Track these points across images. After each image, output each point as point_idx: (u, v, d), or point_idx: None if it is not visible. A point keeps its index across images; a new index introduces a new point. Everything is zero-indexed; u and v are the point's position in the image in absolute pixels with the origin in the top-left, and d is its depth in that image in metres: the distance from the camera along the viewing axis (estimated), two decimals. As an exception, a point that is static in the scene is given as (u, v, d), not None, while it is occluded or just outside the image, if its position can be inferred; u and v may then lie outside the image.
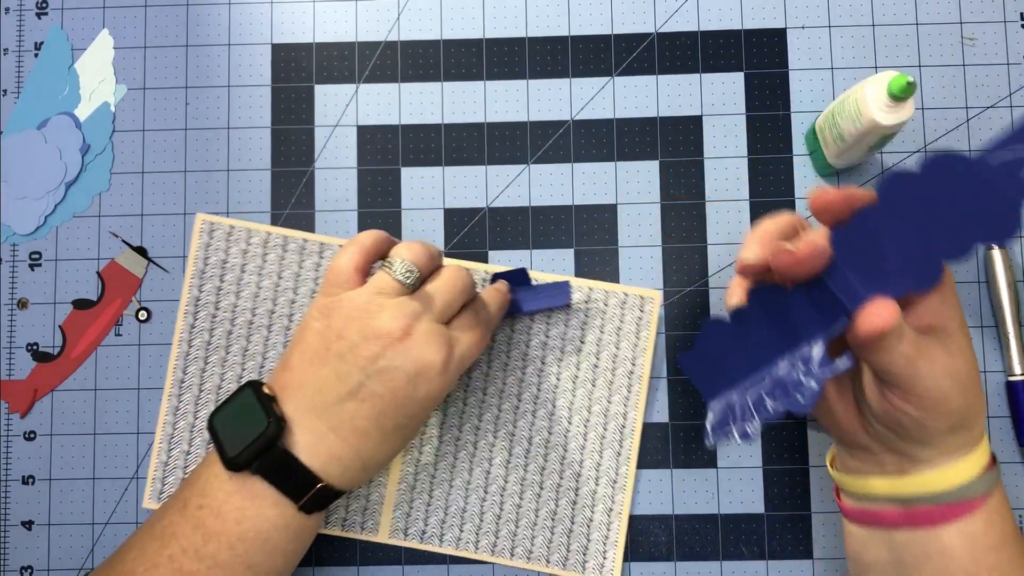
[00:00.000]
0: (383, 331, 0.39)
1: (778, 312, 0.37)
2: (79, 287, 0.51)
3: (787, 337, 0.37)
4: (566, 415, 0.49)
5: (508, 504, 0.48)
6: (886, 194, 0.33)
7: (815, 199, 0.35)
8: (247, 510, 0.40)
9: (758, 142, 0.51)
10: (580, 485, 0.48)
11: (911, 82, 0.40)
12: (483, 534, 0.48)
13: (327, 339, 0.40)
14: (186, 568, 0.40)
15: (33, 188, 0.52)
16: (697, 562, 0.49)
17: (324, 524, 0.49)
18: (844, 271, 0.34)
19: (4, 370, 0.51)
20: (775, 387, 0.36)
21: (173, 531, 0.40)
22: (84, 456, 0.50)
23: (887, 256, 0.33)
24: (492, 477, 0.49)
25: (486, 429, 0.49)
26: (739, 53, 0.51)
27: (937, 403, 0.35)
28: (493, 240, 0.51)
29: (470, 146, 0.51)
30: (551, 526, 0.48)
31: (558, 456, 0.49)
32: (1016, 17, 0.51)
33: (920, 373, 0.34)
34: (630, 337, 0.49)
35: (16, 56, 0.52)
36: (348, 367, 0.40)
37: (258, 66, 0.52)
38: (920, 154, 0.50)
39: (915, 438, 0.37)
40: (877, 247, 0.34)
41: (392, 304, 0.40)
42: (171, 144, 0.52)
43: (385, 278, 0.41)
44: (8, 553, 0.50)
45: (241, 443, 0.39)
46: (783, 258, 0.35)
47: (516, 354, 0.49)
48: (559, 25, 0.52)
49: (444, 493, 0.49)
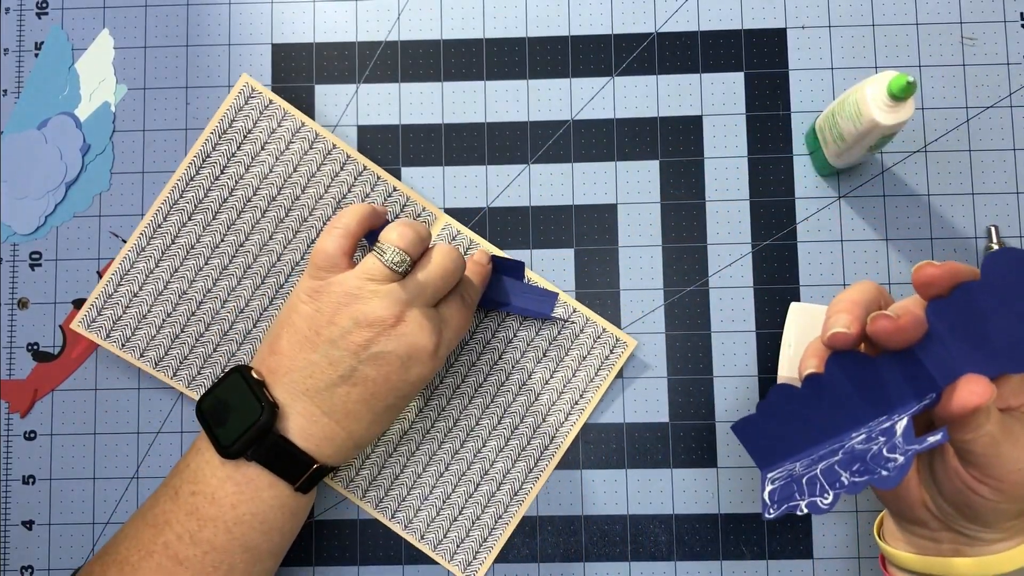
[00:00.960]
0: (375, 318, 0.39)
1: (861, 382, 0.36)
2: (79, 287, 0.51)
3: (869, 407, 0.36)
4: (499, 413, 0.49)
5: (415, 476, 0.49)
6: (990, 271, 0.32)
7: (920, 274, 0.33)
8: (243, 494, 0.40)
9: (758, 142, 0.51)
10: (482, 482, 0.49)
11: (911, 82, 0.40)
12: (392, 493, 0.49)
13: (317, 324, 0.40)
14: (182, 554, 0.40)
15: (33, 188, 0.52)
16: (697, 562, 0.49)
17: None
18: (939, 345, 0.33)
19: (4, 370, 0.51)
20: (853, 460, 0.35)
21: (167, 519, 0.40)
22: (84, 456, 0.50)
23: (986, 334, 0.32)
24: (417, 447, 0.49)
25: (425, 400, 0.49)
26: (739, 53, 0.51)
27: (1015, 487, 0.34)
28: (493, 240, 0.51)
29: (470, 146, 0.51)
30: (438, 507, 0.48)
31: (474, 447, 0.49)
32: (1016, 17, 0.51)
33: (1002, 455, 0.33)
34: (589, 370, 0.49)
35: (16, 56, 0.52)
36: (340, 352, 0.40)
37: (258, 66, 0.52)
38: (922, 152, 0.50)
39: (982, 520, 0.35)
40: (976, 324, 0.32)
41: (384, 291, 0.40)
42: (171, 144, 0.52)
43: (376, 264, 0.41)
44: (8, 553, 0.50)
45: (235, 432, 0.39)
46: (883, 324, 0.33)
47: (479, 338, 0.50)
48: (559, 25, 0.52)
49: (383, 455, 0.49)
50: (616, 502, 0.49)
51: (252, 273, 0.49)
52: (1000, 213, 0.50)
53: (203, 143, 0.49)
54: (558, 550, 0.49)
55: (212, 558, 0.40)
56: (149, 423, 0.50)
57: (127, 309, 0.49)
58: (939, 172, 0.50)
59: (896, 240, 0.50)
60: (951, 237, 0.50)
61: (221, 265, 0.49)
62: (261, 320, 0.49)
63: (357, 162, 0.49)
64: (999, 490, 0.34)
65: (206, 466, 0.41)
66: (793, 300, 0.50)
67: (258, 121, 0.49)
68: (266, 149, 0.49)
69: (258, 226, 0.49)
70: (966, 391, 0.32)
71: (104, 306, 0.49)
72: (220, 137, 0.48)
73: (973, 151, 0.50)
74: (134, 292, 0.49)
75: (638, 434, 0.49)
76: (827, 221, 0.50)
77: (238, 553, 0.40)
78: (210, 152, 0.48)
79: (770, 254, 0.50)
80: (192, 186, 0.48)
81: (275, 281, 0.49)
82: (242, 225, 0.49)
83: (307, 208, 0.49)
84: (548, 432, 0.49)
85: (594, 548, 0.49)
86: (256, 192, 0.49)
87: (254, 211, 0.49)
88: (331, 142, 0.49)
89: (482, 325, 0.50)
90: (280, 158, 0.49)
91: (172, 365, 0.49)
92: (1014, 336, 0.32)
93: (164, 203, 0.49)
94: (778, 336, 0.49)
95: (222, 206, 0.49)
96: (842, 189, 0.50)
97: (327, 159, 0.49)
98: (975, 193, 0.50)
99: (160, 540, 0.40)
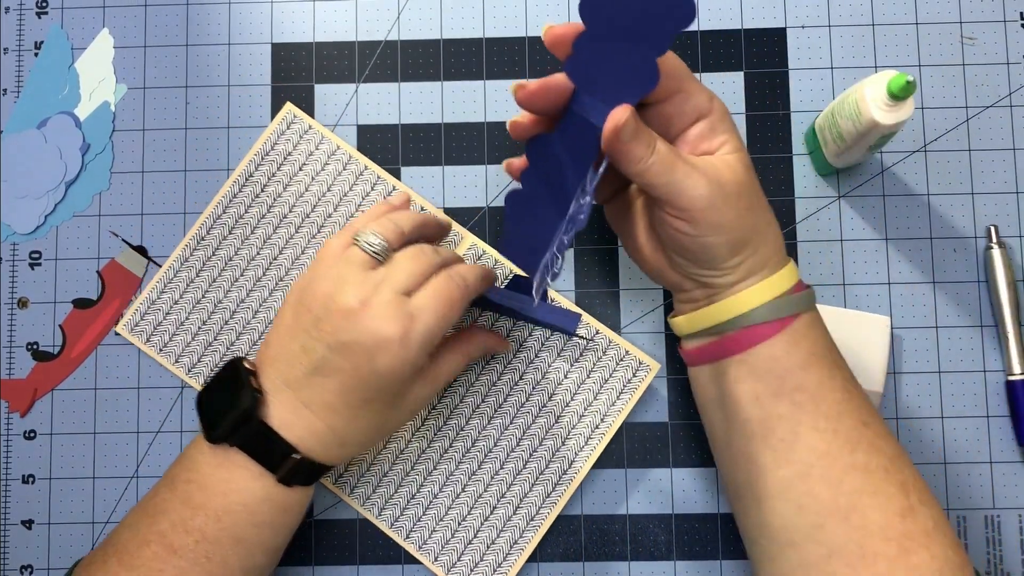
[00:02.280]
0: (343, 304, 0.39)
1: (554, 157, 0.41)
2: (79, 286, 0.51)
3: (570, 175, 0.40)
4: (518, 435, 0.49)
5: (431, 496, 0.48)
6: (586, 16, 0.37)
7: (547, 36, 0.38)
8: (231, 483, 0.40)
9: (758, 142, 0.51)
10: (498, 505, 0.48)
11: (911, 81, 0.40)
12: (407, 513, 0.49)
13: (298, 313, 0.40)
14: (176, 543, 0.40)
15: (33, 187, 0.52)
16: (697, 562, 0.49)
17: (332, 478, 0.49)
18: (587, 97, 0.38)
19: (4, 369, 0.51)
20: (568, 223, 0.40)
21: (164, 507, 0.41)
22: (84, 456, 0.50)
23: (611, 70, 0.37)
24: (435, 467, 0.49)
25: (444, 419, 0.49)
26: (739, 53, 0.51)
27: (703, 213, 0.37)
28: (493, 240, 0.51)
29: (470, 146, 0.51)
30: (453, 529, 0.48)
31: (491, 469, 0.49)
32: (1016, 17, 0.51)
33: (678, 183, 0.37)
34: (611, 394, 0.49)
35: (16, 56, 0.52)
36: (313, 341, 0.39)
37: (258, 66, 0.52)
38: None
39: (701, 261, 0.39)
40: (604, 64, 0.37)
41: (355, 277, 0.39)
42: (171, 144, 0.52)
43: (354, 251, 0.40)
44: (8, 552, 0.50)
45: (220, 416, 0.40)
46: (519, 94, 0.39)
47: (500, 358, 0.49)
48: (559, 25, 0.52)
49: (401, 473, 0.49)
50: (616, 502, 0.49)
51: (283, 285, 0.50)
52: (1000, 213, 0.50)
53: (247, 163, 0.51)
54: (558, 550, 0.49)
55: (204, 548, 0.40)
56: (149, 423, 0.50)
57: (167, 315, 0.50)
58: (939, 172, 0.50)
59: (896, 240, 0.50)
60: (951, 237, 0.50)
61: (255, 277, 0.50)
62: None
63: (387, 182, 0.51)
64: (693, 221, 0.37)
65: (199, 455, 0.41)
66: (793, 300, 0.50)
67: (298, 144, 0.51)
68: (303, 170, 0.51)
69: (291, 241, 0.50)
70: (609, 121, 0.37)
71: (147, 311, 0.50)
72: (263, 159, 0.51)
73: (973, 151, 0.50)
74: (175, 300, 0.50)
75: (638, 434, 0.49)
76: (827, 221, 0.50)
77: (228, 544, 0.40)
78: (252, 172, 0.51)
79: (770, 254, 0.50)
80: (235, 203, 0.51)
81: None
82: (277, 240, 0.51)
83: (338, 225, 0.50)
84: (567, 456, 0.49)
85: (594, 548, 0.49)
86: (292, 209, 0.51)
87: (289, 227, 0.51)
88: (363, 163, 0.51)
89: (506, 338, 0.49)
90: (316, 178, 0.51)
91: (203, 372, 0.50)
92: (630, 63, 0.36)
93: (208, 217, 0.51)
94: (778, 336, 0.49)
95: (260, 221, 0.51)
96: (842, 189, 0.50)
97: (359, 179, 0.51)
98: (975, 193, 0.50)
99: (156, 529, 0.41)
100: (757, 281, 0.39)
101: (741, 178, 0.38)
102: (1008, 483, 0.48)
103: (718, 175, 0.37)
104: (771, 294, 0.39)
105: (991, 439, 0.49)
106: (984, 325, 0.49)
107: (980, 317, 0.49)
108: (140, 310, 0.50)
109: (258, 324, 0.50)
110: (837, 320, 0.48)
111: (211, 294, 0.50)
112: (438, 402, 0.49)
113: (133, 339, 0.50)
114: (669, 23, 0.35)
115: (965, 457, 0.49)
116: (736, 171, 0.38)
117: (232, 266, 0.50)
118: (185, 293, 0.50)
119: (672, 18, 0.35)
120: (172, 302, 0.50)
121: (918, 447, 0.49)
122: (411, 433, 0.49)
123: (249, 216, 0.51)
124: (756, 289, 0.39)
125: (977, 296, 0.50)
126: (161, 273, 0.51)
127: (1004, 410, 0.49)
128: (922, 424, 0.49)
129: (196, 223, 0.51)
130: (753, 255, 0.39)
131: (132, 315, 0.50)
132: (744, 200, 0.38)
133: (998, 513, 0.48)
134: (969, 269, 0.50)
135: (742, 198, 0.38)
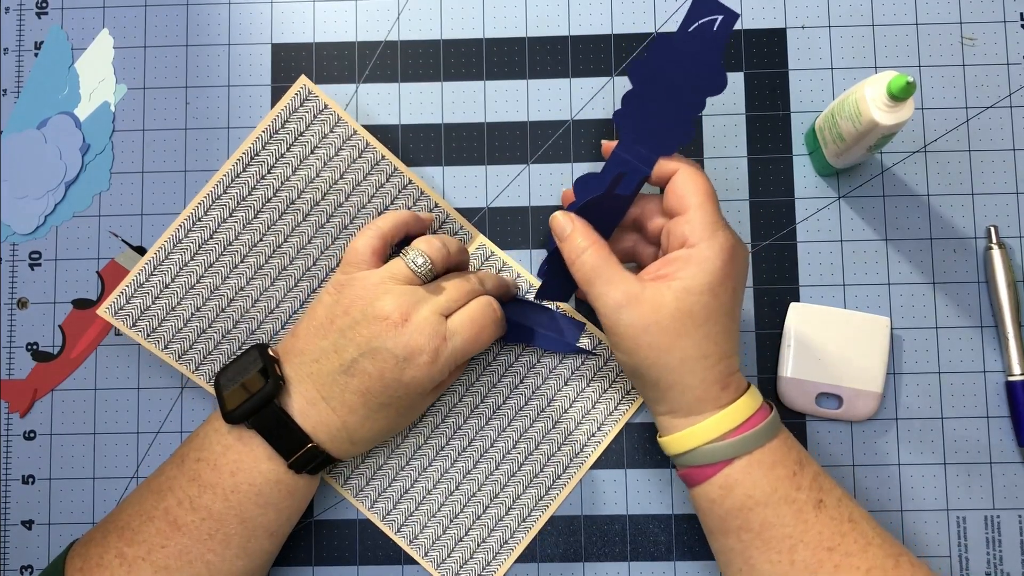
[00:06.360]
0: (383, 313, 0.41)
1: (592, 192, 0.43)
2: (79, 287, 0.51)
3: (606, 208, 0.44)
4: (514, 437, 0.49)
5: (424, 492, 0.49)
6: (635, 78, 0.42)
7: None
8: (242, 463, 0.42)
9: (758, 142, 0.51)
10: (491, 505, 0.48)
11: (911, 82, 0.40)
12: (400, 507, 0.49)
13: (334, 313, 0.42)
14: (180, 520, 0.41)
15: (33, 188, 0.52)
16: (696, 562, 0.49)
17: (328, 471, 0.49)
18: (628, 143, 0.43)
19: (4, 370, 0.51)
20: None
21: (170, 485, 0.42)
22: (84, 456, 0.50)
23: (653, 124, 0.42)
24: (429, 463, 0.49)
25: (442, 416, 0.49)
26: (739, 53, 0.51)
27: (616, 326, 0.39)
28: (493, 240, 0.51)
29: (470, 146, 0.51)
30: (445, 526, 0.48)
31: (486, 469, 0.49)
32: (1016, 17, 0.51)
33: (597, 287, 0.40)
34: (609, 403, 0.49)
35: (16, 56, 0.52)
36: (346, 342, 0.41)
37: (258, 66, 0.52)
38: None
39: (642, 391, 0.42)
40: (644, 119, 0.42)
41: (398, 290, 0.42)
42: (171, 144, 0.52)
43: (399, 264, 0.43)
44: (8, 552, 0.50)
45: (240, 397, 0.41)
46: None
47: (501, 360, 0.49)
48: (559, 25, 0.52)
49: (396, 468, 0.49)
50: (616, 502, 0.49)
51: (286, 275, 0.48)
52: (1000, 213, 0.50)
53: (253, 141, 0.47)
54: (558, 550, 0.49)
55: (209, 525, 0.41)
56: (149, 423, 0.50)
57: (156, 299, 0.47)
58: (939, 172, 0.50)
59: (896, 240, 0.50)
60: (951, 237, 0.50)
61: (256, 264, 0.48)
62: (290, 322, 0.48)
63: (403, 175, 0.48)
64: (607, 330, 0.40)
65: (214, 434, 0.42)
66: (793, 300, 0.50)
67: (311, 124, 0.47)
68: (315, 153, 0.48)
69: (298, 229, 0.48)
70: (552, 223, 0.43)
71: (134, 294, 0.47)
72: (271, 137, 0.47)
73: (973, 151, 0.50)
74: (165, 283, 0.47)
75: (637, 434, 0.49)
76: (827, 221, 0.50)
77: (233, 523, 0.41)
78: (259, 151, 0.47)
79: (770, 254, 0.50)
80: (237, 183, 0.47)
81: (308, 285, 0.48)
82: (282, 226, 0.48)
83: (349, 215, 0.48)
84: (562, 461, 0.49)
85: (594, 548, 0.49)
86: (300, 195, 0.48)
87: (296, 213, 0.48)
88: (380, 152, 0.48)
89: (506, 348, 0.49)
90: (328, 163, 0.48)
91: (195, 359, 0.48)
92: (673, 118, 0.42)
93: (206, 197, 0.47)
94: (778, 336, 0.49)
95: (265, 205, 0.48)
96: (842, 189, 0.50)
97: (374, 169, 0.48)
98: (975, 193, 0.50)
99: (161, 506, 0.42)
100: (686, 426, 0.40)
101: (673, 312, 0.38)
102: (1008, 483, 0.48)
103: (649, 298, 0.39)
104: (696, 441, 0.39)
105: (991, 439, 0.49)
106: (984, 326, 0.49)
107: (980, 318, 0.49)
108: (126, 293, 0.47)
109: (257, 313, 0.48)
110: (837, 320, 0.48)
111: (207, 279, 0.48)
112: (438, 400, 0.49)
113: (117, 323, 0.47)
114: (705, 90, 0.42)
115: (965, 457, 0.49)
116: (676, 303, 0.38)
117: (231, 251, 0.48)
118: (177, 277, 0.47)
119: (707, 89, 0.42)
120: (162, 285, 0.47)
121: (918, 447, 0.49)
122: (408, 429, 0.49)
123: (252, 198, 0.47)
124: (683, 435, 0.40)
125: (977, 296, 0.50)
126: (150, 255, 0.47)
127: (1004, 411, 0.49)
128: (922, 425, 0.49)
129: (192, 202, 0.47)
130: (681, 396, 0.40)
131: (116, 298, 0.47)
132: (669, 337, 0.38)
133: (998, 513, 0.48)
134: (969, 269, 0.50)
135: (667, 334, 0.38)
